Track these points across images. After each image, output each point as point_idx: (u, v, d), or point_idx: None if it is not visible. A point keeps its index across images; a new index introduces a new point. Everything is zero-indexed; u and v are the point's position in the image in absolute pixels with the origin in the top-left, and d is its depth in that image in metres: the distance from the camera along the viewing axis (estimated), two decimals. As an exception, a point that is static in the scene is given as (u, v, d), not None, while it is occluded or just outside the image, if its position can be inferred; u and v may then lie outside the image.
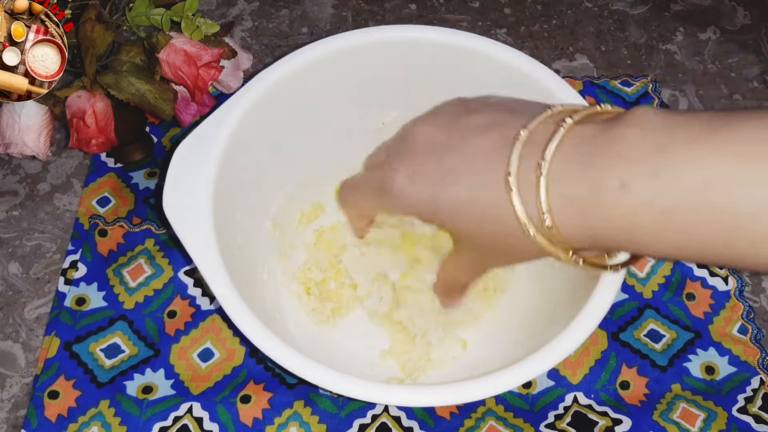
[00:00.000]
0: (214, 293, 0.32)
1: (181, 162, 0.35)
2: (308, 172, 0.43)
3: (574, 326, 0.31)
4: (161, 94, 0.42)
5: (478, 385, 0.30)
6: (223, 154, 0.35)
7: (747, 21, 0.60)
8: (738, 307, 0.44)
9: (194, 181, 0.34)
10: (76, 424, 0.40)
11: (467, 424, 0.40)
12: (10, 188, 0.51)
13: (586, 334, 0.31)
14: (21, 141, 0.41)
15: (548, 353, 0.30)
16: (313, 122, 0.41)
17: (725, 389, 0.41)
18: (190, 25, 0.42)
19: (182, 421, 0.40)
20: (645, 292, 0.45)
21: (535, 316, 0.39)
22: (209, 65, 0.42)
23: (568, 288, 0.36)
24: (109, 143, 0.43)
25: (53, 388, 0.41)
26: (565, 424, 0.40)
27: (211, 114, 0.36)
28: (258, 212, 0.41)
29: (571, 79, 0.54)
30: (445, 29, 0.38)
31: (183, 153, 0.35)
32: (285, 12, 0.60)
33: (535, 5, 0.61)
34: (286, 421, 0.40)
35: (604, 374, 0.42)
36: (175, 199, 0.33)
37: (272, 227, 0.42)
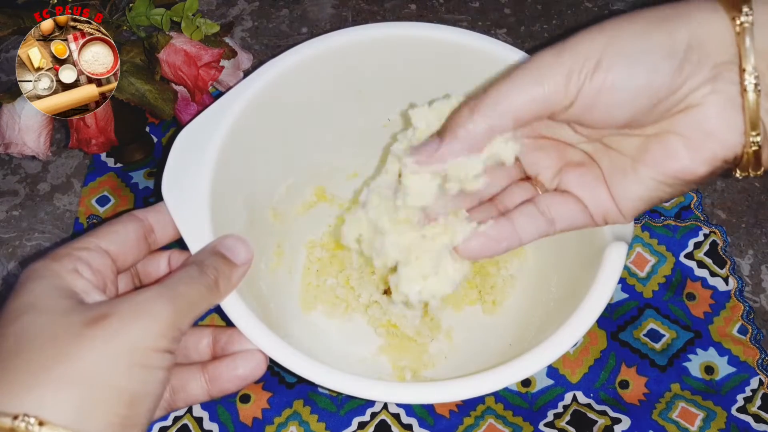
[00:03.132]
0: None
1: (183, 148, 0.35)
2: (311, 163, 0.43)
3: (572, 322, 0.31)
4: (161, 94, 0.42)
5: (478, 382, 0.30)
6: (224, 142, 0.35)
7: (747, 21, 0.60)
8: (738, 308, 0.44)
9: (194, 167, 0.34)
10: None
11: (466, 422, 0.40)
12: (10, 188, 0.51)
13: (584, 328, 0.31)
14: (21, 141, 0.41)
15: (547, 349, 0.30)
16: (315, 115, 0.41)
17: (724, 389, 0.41)
18: (190, 25, 0.42)
19: (182, 420, 0.40)
20: (645, 291, 0.45)
21: (528, 321, 0.40)
22: (209, 65, 0.42)
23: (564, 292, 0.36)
24: (109, 143, 0.43)
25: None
26: (564, 423, 0.40)
27: (215, 102, 0.36)
28: (259, 200, 0.41)
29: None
30: (447, 27, 0.38)
31: (185, 139, 0.35)
32: (285, 12, 0.60)
33: (535, 5, 0.61)
34: (285, 420, 0.41)
35: (604, 373, 0.42)
36: (174, 184, 0.33)
37: (273, 216, 0.42)
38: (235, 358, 0.31)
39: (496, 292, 0.43)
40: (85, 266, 0.28)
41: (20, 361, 0.24)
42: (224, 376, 0.31)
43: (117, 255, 0.30)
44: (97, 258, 0.29)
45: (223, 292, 0.31)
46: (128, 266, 0.31)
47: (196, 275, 0.29)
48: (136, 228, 0.31)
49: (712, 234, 0.46)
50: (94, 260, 0.29)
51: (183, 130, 0.35)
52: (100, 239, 0.30)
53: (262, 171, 0.40)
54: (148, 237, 0.32)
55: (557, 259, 0.40)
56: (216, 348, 0.32)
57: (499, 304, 0.43)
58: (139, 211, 0.32)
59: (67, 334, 0.25)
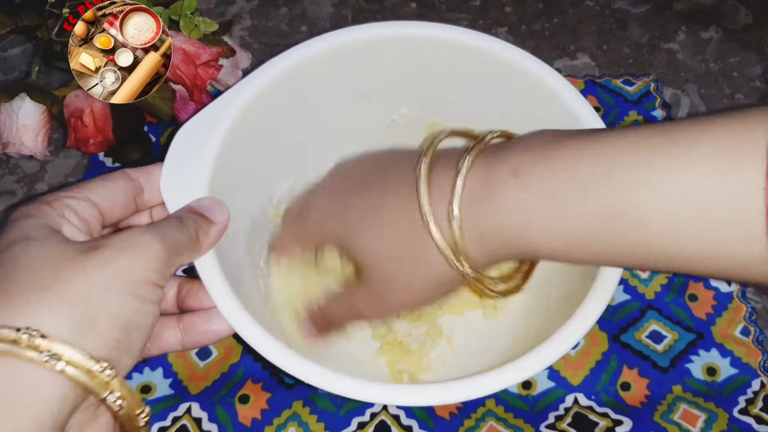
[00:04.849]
0: (206, 287, 0.32)
1: (183, 143, 0.34)
2: (314, 163, 0.43)
3: (571, 325, 0.31)
4: (159, 93, 0.41)
5: (478, 383, 0.30)
6: (225, 140, 0.35)
7: (749, 20, 0.59)
8: (740, 309, 0.44)
9: (194, 163, 0.34)
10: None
11: (467, 424, 0.40)
12: (8, 188, 0.51)
13: (585, 329, 0.30)
14: (19, 140, 0.41)
15: (548, 349, 0.30)
16: (317, 114, 0.41)
17: (726, 391, 0.41)
18: (189, 24, 0.41)
19: (181, 421, 0.40)
20: (647, 292, 0.44)
21: (529, 324, 0.39)
22: (208, 64, 0.42)
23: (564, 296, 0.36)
24: (107, 143, 0.43)
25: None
26: (565, 425, 0.40)
27: (216, 99, 0.36)
28: (260, 199, 0.41)
29: (573, 78, 0.53)
30: (452, 27, 0.38)
31: (185, 135, 0.35)
32: (284, 11, 0.60)
33: (536, 3, 0.60)
34: (285, 421, 0.40)
35: (605, 375, 0.42)
36: (173, 179, 0.33)
37: (274, 216, 0.42)
38: (211, 312, 0.31)
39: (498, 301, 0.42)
40: (73, 213, 0.29)
41: (14, 283, 0.25)
42: (198, 327, 0.31)
43: (105, 209, 0.30)
44: (86, 208, 0.29)
45: (203, 247, 0.31)
46: (113, 223, 0.31)
47: (178, 225, 0.30)
48: (127, 186, 0.31)
49: (715, 234, 0.46)
50: (82, 209, 0.29)
51: (184, 125, 0.35)
52: (90, 191, 0.30)
53: (263, 169, 0.40)
54: (137, 197, 0.32)
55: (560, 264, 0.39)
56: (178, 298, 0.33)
57: (500, 308, 0.42)
58: (131, 170, 0.32)
59: (60, 259, 0.25)
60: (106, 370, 0.24)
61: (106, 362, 0.24)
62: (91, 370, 0.24)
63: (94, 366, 0.24)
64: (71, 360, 0.24)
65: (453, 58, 0.38)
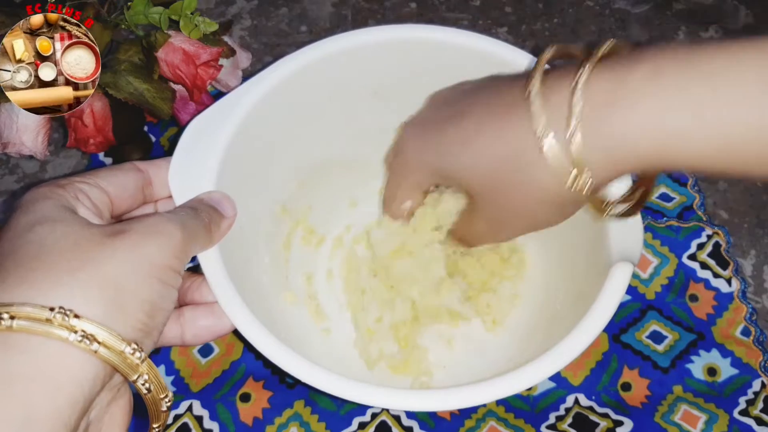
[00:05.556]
0: (209, 281, 0.32)
1: (192, 137, 0.34)
2: (323, 162, 0.43)
3: (580, 329, 0.31)
4: (159, 93, 0.41)
5: (482, 390, 0.30)
6: (234, 135, 0.35)
7: (749, 20, 0.59)
8: (741, 309, 0.44)
9: (202, 157, 0.34)
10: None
11: (468, 424, 0.40)
12: (8, 188, 0.51)
13: (592, 336, 0.30)
14: (19, 140, 0.41)
15: (553, 357, 0.30)
16: (329, 114, 0.41)
17: (726, 391, 0.41)
18: (189, 24, 0.41)
19: (182, 419, 0.40)
20: (648, 293, 0.44)
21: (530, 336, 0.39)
22: (208, 64, 0.42)
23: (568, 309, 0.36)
24: (107, 143, 0.43)
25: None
26: (566, 426, 0.40)
27: (227, 95, 0.36)
28: (267, 196, 0.41)
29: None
30: (458, 31, 0.38)
31: (195, 128, 0.35)
32: (284, 10, 0.60)
33: (536, 3, 0.60)
34: (286, 421, 0.40)
35: (606, 376, 0.42)
36: (181, 172, 0.33)
37: (281, 212, 0.42)
38: (213, 307, 0.31)
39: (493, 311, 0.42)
40: (86, 197, 0.29)
41: (43, 263, 0.24)
42: (199, 322, 0.31)
43: (114, 197, 0.30)
44: (98, 194, 0.29)
45: (214, 238, 0.31)
46: (121, 213, 0.31)
47: (194, 215, 0.30)
48: (136, 177, 0.31)
49: (715, 235, 0.46)
50: (95, 195, 0.29)
51: (194, 119, 0.35)
52: (100, 179, 0.30)
53: (271, 166, 0.40)
54: (145, 189, 0.32)
55: (565, 278, 0.39)
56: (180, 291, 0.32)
57: (499, 323, 0.42)
58: (141, 163, 0.32)
59: (89, 242, 0.25)
60: (136, 353, 0.24)
61: (135, 344, 0.24)
62: (123, 352, 0.24)
63: (126, 348, 0.24)
64: (105, 341, 0.23)
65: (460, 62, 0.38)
